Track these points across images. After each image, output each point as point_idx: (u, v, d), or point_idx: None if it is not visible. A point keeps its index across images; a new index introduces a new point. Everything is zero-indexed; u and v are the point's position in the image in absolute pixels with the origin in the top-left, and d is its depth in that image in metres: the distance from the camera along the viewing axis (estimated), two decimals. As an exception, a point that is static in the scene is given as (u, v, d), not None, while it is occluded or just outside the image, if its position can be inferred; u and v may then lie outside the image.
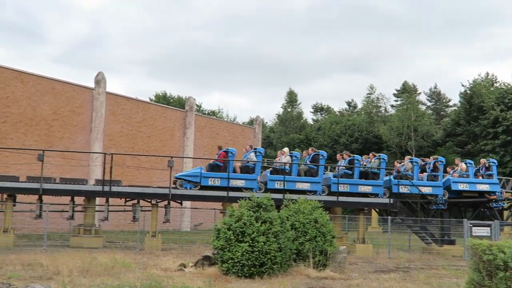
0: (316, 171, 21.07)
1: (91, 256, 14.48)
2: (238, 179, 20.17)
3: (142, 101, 35.97)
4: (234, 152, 20.83)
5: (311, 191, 20.46)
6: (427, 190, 22.11)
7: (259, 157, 21.17)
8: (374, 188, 21.42)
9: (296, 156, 21.70)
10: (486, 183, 23.14)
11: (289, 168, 20.79)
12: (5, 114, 25.50)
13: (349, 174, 21.46)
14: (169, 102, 56.66)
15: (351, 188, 21.13)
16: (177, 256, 16.15)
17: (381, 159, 22.16)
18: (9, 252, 15.83)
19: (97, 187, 19.42)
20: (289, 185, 20.30)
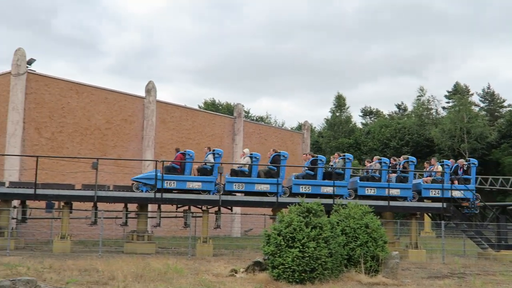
0: (276, 172, 20.52)
1: (144, 261, 14.77)
2: (195, 181, 19.96)
3: (191, 108, 36.50)
4: (191, 154, 20.55)
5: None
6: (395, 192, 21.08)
7: (218, 159, 20.68)
8: (338, 189, 20.53)
9: (256, 157, 21.02)
10: (460, 189, 21.28)
11: (248, 169, 20.41)
12: (61, 124, 26.38)
13: (311, 175, 20.77)
14: (217, 109, 57.27)
15: (313, 190, 20.42)
16: (228, 262, 16.27)
17: (346, 159, 21.43)
18: (66, 257, 16.34)
19: (149, 194, 19.80)
20: (248, 186, 20.05)
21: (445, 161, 22.46)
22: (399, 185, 21.03)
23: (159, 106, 30.98)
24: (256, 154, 21.28)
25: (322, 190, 20.45)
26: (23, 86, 24.94)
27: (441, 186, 20.89)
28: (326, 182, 20.67)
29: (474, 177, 21.82)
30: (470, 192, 21.32)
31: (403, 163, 21.69)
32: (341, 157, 21.70)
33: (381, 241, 13.22)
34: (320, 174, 20.80)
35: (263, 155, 22.51)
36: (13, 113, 24.66)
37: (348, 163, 21.37)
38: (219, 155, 20.70)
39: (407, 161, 21.72)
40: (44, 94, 25.88)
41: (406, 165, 21.57)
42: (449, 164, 21.98)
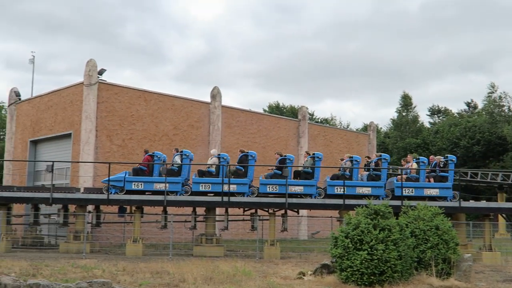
0: (244, 172, 20.38)
1: (213, 264, 15.02)
2: (162, 182, 20.03)
3: (256, 112, 36.77)
4: (159, 156, 20.69)
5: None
6: (366, 191, 20.21)
7: (185, 160, 20.71)
8: (306, 188, 20.20)
9: (223, 158, 20.85)
10: (436, 187, 20.31)
11: (215, 170, 20.36)
12: (130, 131, 27.26)
13: (278, 175, 20.36)
14: (282, 112, 57.39)
15: (280, 189, 20.05)
16: (296, 264, 16.30)
17: (315, 158, 20.81)
18: (138, 260, 16.86)
19: (216, 198, 20.11)
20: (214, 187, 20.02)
21: (421, 158, 21.53)
22: (370, 183, 20.38)
23: (225, 111, 31.43)
24: (224, 154, 21.26)
25: (290, 189, 20.13)
26: (95, 96, 25.97)
27: (415, 184, 20.14)
28: (294, 182, 20.39)
29: (452, 174, 20.81)
30: (449, 190, 20.35)
31: (376, 161, 20.97)
32: (310, 156, 21.16)
33: (452, 243, 12.88)
34: (289, 174, 20.42)
35: (328, 157, 22.43)
36: (86, 121, 25.71)
37: (318, 161, 20.85)
38: (187, 156, 20.80)
39: (380, 159, 21.01)
40: (114, 102, 26.84)
41: (379, 163, 20.87)
42: (425, 161, 21.11)
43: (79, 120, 26.23)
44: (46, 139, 28.85)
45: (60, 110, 27.89)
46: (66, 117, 27.39)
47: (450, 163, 20.77)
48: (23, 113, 30.98)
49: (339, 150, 37.23)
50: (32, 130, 29.74)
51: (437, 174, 20.55)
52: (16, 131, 31.25)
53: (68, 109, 27.35)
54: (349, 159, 20.98)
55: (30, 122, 29.96)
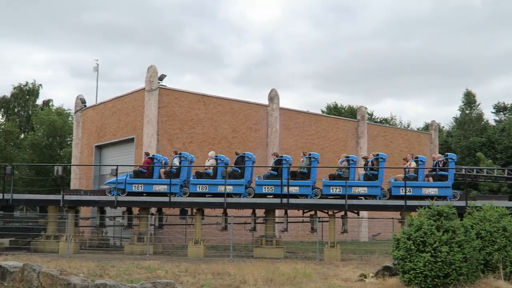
0: (240, 173, 20.39)
1: (273, 266, 15.07)
2: (161, 184, 20.48)
3: (314, 113, 36.62)
4: (159, 158, 21.17)
5: None
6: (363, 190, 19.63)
7: (184, 162, 20.99)
8: (302, 189, 20.02)
9: (221, 159, 20.93)
10: (435, 187, 19.70)
11: (212, 172, 20.52)
12: (191, 135, 27.76)
13: (275, 175, 20.32)
14: (340, 113, 56.86)
15: (276, 190, 19.99)
16: (357, 267, 16.14)
17: (311, 158, 20.64)
18: (200, 262, 17.14)
19: (275, 200, 20.18)
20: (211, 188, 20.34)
21: (420, 157, 20.91)
22: (366, 183, 20.10)
23: (283, 113, 31.48)
24: (221, 156, 21.34)
25: (285, 190, 20.02)
26: (156, 101, 26.60)
27: (413, 183, 19.65)
28: (290, 182, 20.20)
29: (452, 173, 20.25)
30: (447, 189, 19.66)
31: (373, 160, 20.45)
32: (306, 156, 20.98)
33: (521, 245, 12.40)
34: (285, 174, 20.29)
35: (389, 157, 22.05)
36: (148, 126, 26.38)
37: (314, 162, 20.55)
38: (185, 158, 21.14)
39: (377, 158, 20.49)
40: (174, 107, 27.40)
41: (375, 162, 20.39)
42: (424, 160, 20.64)
43: (141, 125, 26.93)
44: (110, 144, 29.79)
45: (123, 116, 28.75)
46: (129, 122, 28.20)
47: (450, 162, 20.32)
48: (88, 119, 32.13)
49: (400, 150, 36.53)
50: (97, 136, 30.78)
51: (437, 173, 20.08)
52: (82, 136, 32.43)
53: (130, 114, 28.15)
54: (346, 159, 20.89)
55: (95, 128, 31.02)
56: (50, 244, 20.91)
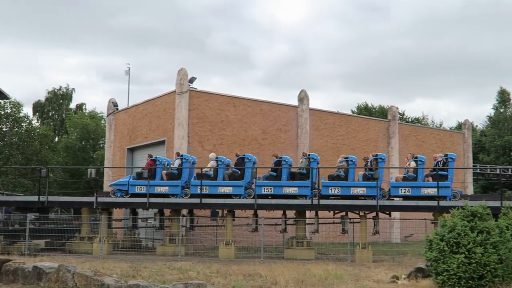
0: (240, 174, 20.54)
1: (304, 267, 15.05)
2: (163, 185, 20.88)
3: (344, 114, 36.43)
4: (161, 160, 21.65)
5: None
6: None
7: (185, 164, 21.31)
8: (301, 189, 19.99)
9: (221, 161, 21.16)
10: (434, 187, 19.33)
11: (213, 173, 20.80)
12: (221, 136, 27.90)
13: (274, 176, 20.46)
14: (371, 113, 56.40)
15: (275, 190, 20.20)
16: (389, 268, 15.98)
17: (310, 159, 20.66)
18: (231, 263, 17.21)
19: (306, 201, 20.13)
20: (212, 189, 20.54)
21: (419, 156, 20.70)
22: (365, 183, 19.93)
23: (312, 114, 31.38)
24: (222, 157, 21.59)
25: (285, 191, 20.14)
26: (186, 103, 26.83)
27: (412, 183, 19.45)
28: (288, 183, 20.26)
29: (452, 172, 19.91)
30: (446, 189, 19.39)
31: (372, 161, 20.27)
32: (306, 157, 20.98)
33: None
34: (285, 175, 20.45)
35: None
36: (179, 128, 26.61)
37: (313, 162, 20.55)
38: (186, 160, 21.44)
39: (376, 159, 20.46)
40: (205, 109, 27.58)
41: (374, 163, 20.36)
42: (423, 160, 20.38)
43: (172, 127, 27.19)
44: (142, 146, 30.14)
45: (154, 118, 29.07)
46: (160, 124, 28.50)
47: (450, 161, 20.04)
48: (120, 122, 32.58)
49: (432, 150, 36.00)
50: (129, 138, 31.19)
51: (436, 172, 19.77)
52: (115, 139, 32.90)
53: (161, 117, 28.45)
54: (345, 159, 20.78)
55: (127, 131, 31.43)
56: (84, 245, 21.27)
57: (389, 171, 30.23)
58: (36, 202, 21.78)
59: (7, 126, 48.67)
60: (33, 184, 42.84)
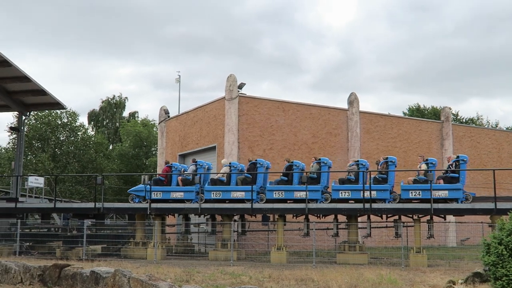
0: (252, 179, 20.90)
1: (357, 272, 14.89)
2: (178, 191, 21.51)
3: (395, 116, 35.87)
4: (176, 167, 22.54)
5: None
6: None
7: (200, 170, 21.91)
8: (311, 193, 20.05)
9: (234, 166, 21.62)
10: (445, 189, 19.07)
11: (226, 178, 21.27)
12: (271, 141, 27.98)
13: (285, 181, 20.75)
14: (423, 114, 55.32)
15: (286, 195, 20.47)
16: (445, 273, 15.63)
17: (321, 163, 20.73)
18: (283, 267, 17.20)
19: (357, 205, 19.93)
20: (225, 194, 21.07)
21: (430, 159, 20.61)
22: (376, 186, 19.81)
23: (363, 117, 31.07)
24: (235, 163, 22.15)
25: (296, 195, 20.35)
26: (236, 109, 27.06)
27: (423, 186, 19.25)
28: (300, 187, 20.40)
29: (464, 175, 19.60)
30: (457, 191, 19.10)
31: (382, 163, 20.08)
32: (316, 161, 21.08)
33: None
34: (296, 180, 20.68)
35: (476, 159, 21.24)
36: (229, 134, 26.86)
37: (324, 167, 20.69)
38: (201, 166, 22.04)
39: (386, 161, 20.37)
40: (254, 114, 27.74)
41: (384, 166, 20.33)
42: (434, 162, 20.36)
43: (222, 133, 27.47)
44: (193, 153, 30.55)
45: (205, 125, 29.43)
46: (211, 131, 28.83)
47: (462, 163, 19.68)
48: (172, 129, 33.16)
49: (488, 151, 35.05)
50: (180, 145, 31.69)
51: (447, 175, 19.43)
52: (167, 146, 33.50)
53: (212, 123, 28.78)
54: (355, 163, 21.03)
55: (179, 137, 31.95)
56: (139, 250, 21.74)
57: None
58: (92, 209, 22.45)
59: (64, 135, 50.38)
60: (89, 191, 44.18)
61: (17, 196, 25.92)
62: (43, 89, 26.41)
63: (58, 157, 48.68)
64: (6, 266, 10.89)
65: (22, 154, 28.77)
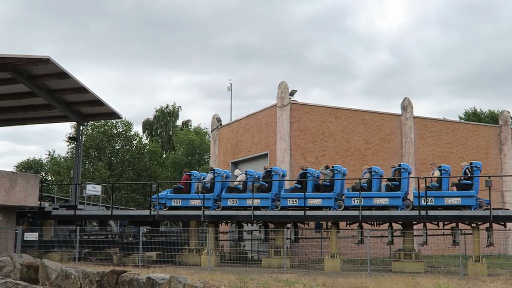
0: (268, 187, 21.35)
1: (414, 280, 14.60)
2: (196, 199, 22.04)
3: (451, 121, 35.02)
4: (195, 175, 23.16)
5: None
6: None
7: (217, 178, 22.40)
8: (324, 201, 20.43)
9: (250, 174, 22.09)
10: (458, 196, 18.94)
11: (242, 186, 21.86)
12: (323, 148, 27.83)
13: (299, 188, 21.01)
14: (480, 119, 53.77)
15: (300, 202, 20.71)
16: (506, 282, 15.12)
17: (334, 171, 20.86)
18: (337, 276, 17.05)
19: (413, 212, 19.54)
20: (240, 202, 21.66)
21: (443, 165, 20.45)
22: (388, 193, 19.97)
23: (417, 122, 30.49)
24: (251, 171, 22.60)
25: (309, 202, 20.60)
26: (287, 116, 27.07)
27: (435, 193, 19.23)
28: (313, 195, 20.76)
29: (477, 182, 19.24)
30: (470, 198, 18.85)
31: (394, 171, 19.96)
32: (330, 169, 21.31)
33: None
34: (310, 187, 21.00)
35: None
36: (281, 141, 26.89)
37: (337, 174, 20.82)
38: (218, 174, 22.58)
39: (399, 169, 20.42)
40: (306, 121, 27.67)
41: (397, 173, 20.37)
42: (447, 169, 20.10)
43: (274, 140, 27.52)
44: (245, 160, 30.74)
45: (257, 132, 29.58)
46: (262, 138, 28.94)
47: (475, 170, 19.46)
48: (224, 137, 33.47)
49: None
50: (232, 152, 31.94)
51: (460, 182, 19.49)
52: (219, 153, 33.83)
53: (263, 130, 28.89)
54: (368, 170, 21.05)
55: (231, 145, 32.22)
56: (193, 257, 22.00)
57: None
58: (147, 216, 22.90)
59: (119, 144, 51.69)
60: (143, 198, 45.09)
61: (76, 204, 26.77)
62: (100, 100, 27.21)
63: (114, 165, 49.98)
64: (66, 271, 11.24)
65: (80, 163, 29.71)
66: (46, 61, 23.16)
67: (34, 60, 23.26)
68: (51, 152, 56.12)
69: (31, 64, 23.72)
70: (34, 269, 12.00)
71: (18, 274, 12.21)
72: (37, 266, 11.75)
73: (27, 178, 23.18)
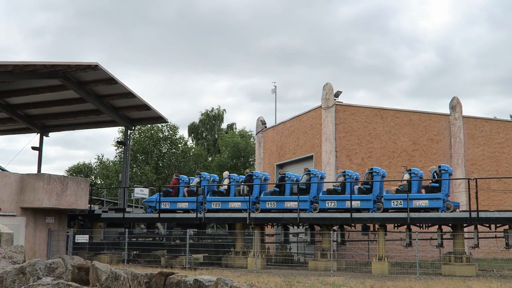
0: (249, 190, 22.18)
1: (465, 284, 14.24)
2: (183, 202, 23.47)
3: (502, 120, 33.99)
4: (183, 179, 24.31)
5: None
6: None
7: (204, 182, 23.22)
8: (301, 204, 20.98)
9: (233, 178, 23.11)
10: (425, 198, 19.43)
11: (225, 190, 22.87)
12: (369, 149, 27.47)
13: (277, 192, 21.84)
14: (533, 118, 52.03)
15: (278, 205, 21.59)
16: None
17: (311, 174, 21.53)
18: (385, 279, 16.78)
19: (464, 214, 19.07)
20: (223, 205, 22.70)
21: (413, 169, 20.90)
22: (360, 196, 20.43)
23: (466, 122, 29.73)
24: (234, 175, 23.62)
25: (286, 205, 21.41)
26: (332, 118, 26.86)
27: (403, 196, 19.64)
28: (290, 198, 21.39)
29: (447, 184, 19.86)
30: (437, 201, 19.27)
31: (367, 174, 20.92)
32: (306, 173, 21.82)
33: None
34: (288, 190, 21.72)
35: None
36: (326, 143, 26.69)
37: (314, 178, 21.40)
38: (204, 178, 23.41)
39: (371, 172, 20.85)
40: (351, 122, 27.39)
41: (369, 177, 20.79)
42: (417, 172, 20.53)
43: (319, 142, 27.34)
44: (291, 162, 30.66)
45: (302, 134, 29.46)
46: (307, 140, 28.81)
47: (444, 173, 19.96)
48: (269, 140, 33.49)
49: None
50: (277, 155, 31.91)
51: (429, 185, 19.97)
52: (264, 156, 33.86)
53: (308, 132, 28.75)
54: (342, 174, 21.57)
55: (276, 147, 32.20)
56: (239, 259, 22.07)
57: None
58: (194, 219, 23.12)
59: (165, 148, 52.44)
60: (190, 201, 45.51)
61: (124, 207, 27.27)
62: (146, 104, 27.67)
63: (160, 169, 50.73)
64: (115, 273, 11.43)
65: (128, 167, 30.27)
66: (95, 67, 23.70)
67: (83, 66, 23.83)
68: (100, 156, 57.41)
69: (80, 70, 24.33)
70: (85, 271, 12.25)
71: (69, 275, 12.50)
72: (87, 267, 12.00)
73: (78, 182, 23.76)
